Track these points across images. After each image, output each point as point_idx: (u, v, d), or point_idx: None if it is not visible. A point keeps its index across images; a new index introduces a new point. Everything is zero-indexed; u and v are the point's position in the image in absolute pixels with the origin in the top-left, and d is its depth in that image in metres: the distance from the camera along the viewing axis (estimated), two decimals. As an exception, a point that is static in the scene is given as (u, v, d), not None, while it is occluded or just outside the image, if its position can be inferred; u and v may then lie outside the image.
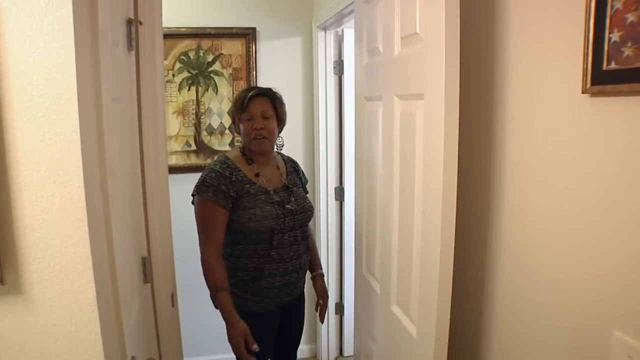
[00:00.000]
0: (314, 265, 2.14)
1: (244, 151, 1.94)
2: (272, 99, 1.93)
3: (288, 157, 2.14)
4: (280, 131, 2.00)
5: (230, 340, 1.79)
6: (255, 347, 1.76)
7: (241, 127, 1.90)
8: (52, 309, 0.97)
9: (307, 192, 2.10)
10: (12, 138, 0.91)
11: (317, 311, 2.15)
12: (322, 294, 2.12)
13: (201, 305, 2.27)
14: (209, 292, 1.99)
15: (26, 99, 0.91)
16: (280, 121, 1.96)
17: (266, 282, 1.85)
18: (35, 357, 0.97)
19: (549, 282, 1.08)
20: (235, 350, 1.78)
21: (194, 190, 1.84)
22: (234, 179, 1.82)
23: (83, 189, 0.94)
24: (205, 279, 1.82)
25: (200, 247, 1.83)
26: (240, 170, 1.86)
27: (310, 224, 2.13)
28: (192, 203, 1.87)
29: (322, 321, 2.16)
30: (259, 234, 1.83)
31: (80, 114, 0.93)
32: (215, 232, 1.80)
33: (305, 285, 2.11)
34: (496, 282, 1.28)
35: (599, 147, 0.93)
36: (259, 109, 1.87)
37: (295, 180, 2.04)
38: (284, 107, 1.98)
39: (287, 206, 1.89)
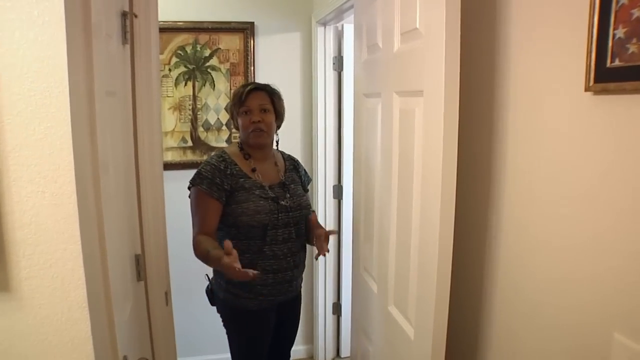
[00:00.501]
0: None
1: (242, 146, 1.94)
2: (271, 93, 1.94)
3: (288, 155, 2.14)
4: (279, 127, 1.99)
5: (226, 270, 1.58)
6: (252, 272, 1.55)
7: (239, 121, 1.91)
8: (42, 307, 0.95)
9: (307, 191, 2.08)
10: (1, 132, 0.89)
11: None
12: (316, 226, 1.89)
13: (196, 304, 2.25)
14: (204, 288, 1.98)
15: (15, 92, 0.88)
16: (279, 116, 1.96)
17: (259, 279, 1.83)
18: (24, 356, 0.95)
19: (550, 282, 1.07)
20: (230, 270, 1.55)
21: (190, 182, 1.86)
22: (228, 172, 1.83)
23: (74, 184, 0.92)
24: (197, 255, 1.75)
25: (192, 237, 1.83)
26: (236, 165, 1.87)
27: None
28: (189, 196, 1.87)
29: (322, 253, 1.80)
30: (251, 228, 1.82)
31: (72, 108, 0.91)
32: (207, 222, 1.81)
33: (303, 284, 2.09)
34: (495, 281, 1.27)
35: (602, 145, 0.92)
36: (257, 102, 1.88)
37: (293, 177, 2.03)
38: (283, 102, 1.98)
39: (282, 202, 1.88)
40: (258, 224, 1.82)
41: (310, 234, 1.95)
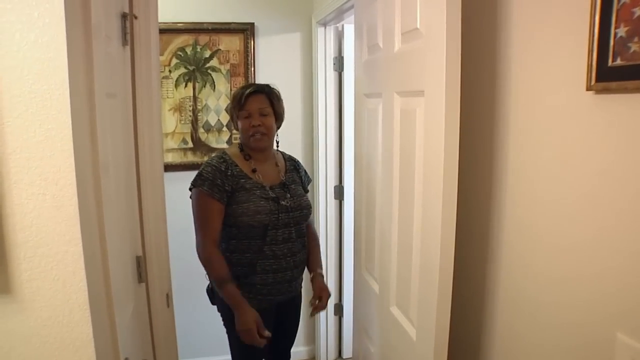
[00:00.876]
0: (314, 264, 2.06)
1: (242, 147, 1.94)
2: (270, 95, 1.93)
3: (289, 155, 2.14)
4: (278, 127, 1.99)
5: (240, 325, 1.78)
6: (267, 333, 1.78)
7: (239, 124, 1.91)
8: (43, 310, 0.94)
9: (307, 192, 2.09)
10: (1, 134, 0.88)
11: (311, 306, 2.01)
12: (320, 291, 2.00)
13: (197, 305, 2.25)
14: (205, 288, 1.98)
15: (16, 94, 0.88)
16: (278, 117, 1.96)
17: (259, 278, 1.85)
18: (25, 359, 0.95)
19: (553, 281, 1.06)
20: (246, 335, 1.77)
21: (191, 184, 1.86)
22: (229, 173, 1.83)
23: (75, 186, 0.92)
24: (208, 273, 1.85)
25: (197, 240, 1.84)
26: (237, 166, 1.87)
27: (314, 223, 2.09)
28: (190, 197, 1.88)
29: (312, 315, 2.09)
30: (251, 228, 1.83)
31: (73, 110, 0.91)
32: (212, 225, 1.82)
33: (303, 284, 2.09)
34: (498, 281, 1.26)
35: (604, 144, 0.91)
36: (257, 106, 1.88)
37: (294, 178, 2.03)
38: (282, 103, 1.98)
39: (282, 202, 1.88)
40: (258, 224, 1.82)
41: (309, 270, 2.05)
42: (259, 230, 1.83)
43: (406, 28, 1.36)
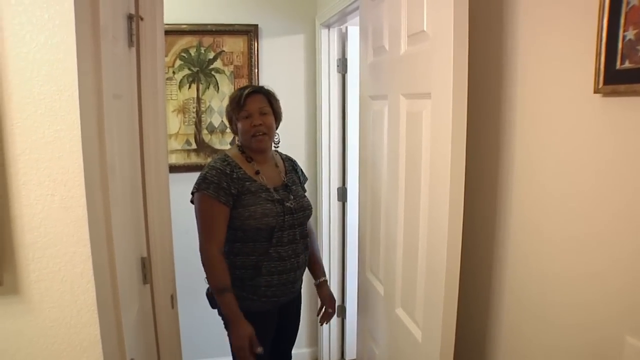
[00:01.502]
0: (318, 271, 2.15)
1: (242, 149, 1.93)
2: (268, 95, 1.94)
3: (286, 155, 2.13)
4: (277, 127, 1.99)
5: (234, 341, 1.79)
6: (260, 349, 1.78)
7: (239, 125, 1.90)
8: (51, 310, 0.95)
9: (305, 191, 2.08)
10: (10, 135, 0.89)
11: (318, 315, 2.17)
12: (330, 301, 2.14)
13: (202, 307, 2.24)
14: (205, 293, 1.98)
15: (26, 95, 0.89)
16: (277, 117, 1.96)
17: (264, 280, 1.84)
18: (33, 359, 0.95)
19: (558, 282, 1.06)
20: (239, 351, 1.78)
21: (194, 188, 1.83)
22: (234, 176, 1.81)
23: (84, 187, 0.93)
24: (208, 278, 1.84)
25: (201, 245, 1.82)
26: (241, 168, 1.86)
27: (313, 227, 2.10)
28: (192, 202, 1.85)
29: (321, 324, 2.22)
30: (258, 231, 1.82)
31: (82, 111, 0.91)
32: (217, 229, 1.80)
33: (303, 285, 2.09)
34: (503, 281, 1.26)
35: (611, 147, 0.91)
36: (257, 106, 1.88)
37: (294, 178, 2.03)
38: (279, 103, 1.99)
39: (287, 204, 1.88)
40: (266, 226, 1.81)
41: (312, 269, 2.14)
42: (265, 233, 1.83)
43: (412, 30, 1.36)
